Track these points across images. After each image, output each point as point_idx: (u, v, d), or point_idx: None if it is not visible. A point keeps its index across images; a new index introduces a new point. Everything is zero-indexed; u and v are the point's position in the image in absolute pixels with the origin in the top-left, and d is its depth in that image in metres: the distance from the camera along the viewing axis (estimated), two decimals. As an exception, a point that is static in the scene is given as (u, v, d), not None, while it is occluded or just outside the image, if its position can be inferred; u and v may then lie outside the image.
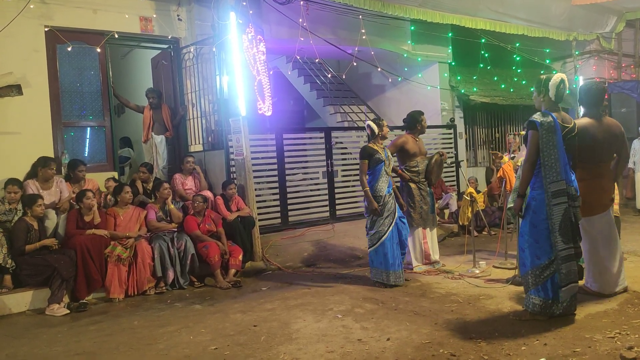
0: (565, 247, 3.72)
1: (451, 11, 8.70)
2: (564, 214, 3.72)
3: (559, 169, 3.73)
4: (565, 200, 3.73)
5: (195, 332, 4.01)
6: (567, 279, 3.71)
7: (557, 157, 3.74)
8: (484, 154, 10.66)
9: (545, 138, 3.77)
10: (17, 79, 5.80)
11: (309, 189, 7.78)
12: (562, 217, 3.72)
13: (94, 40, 6.53)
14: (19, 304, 4.91)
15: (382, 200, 5.11)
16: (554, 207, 3.74)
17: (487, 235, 7.74)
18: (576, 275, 3.77)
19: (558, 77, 3.91)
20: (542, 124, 3.79)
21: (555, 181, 3.74)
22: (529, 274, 3.83)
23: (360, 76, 11.08)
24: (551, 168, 3.75)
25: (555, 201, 3.73)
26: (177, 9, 7.15)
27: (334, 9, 7.83)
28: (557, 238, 3.72)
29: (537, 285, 3.78)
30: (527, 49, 10.33)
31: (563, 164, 3.75)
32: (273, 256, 6.42)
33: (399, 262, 5.12)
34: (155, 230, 5.72)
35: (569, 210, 3.74)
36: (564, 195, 3.73)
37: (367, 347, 3.49)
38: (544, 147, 3.78)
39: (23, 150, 5.90)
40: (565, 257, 3.72)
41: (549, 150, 3.76)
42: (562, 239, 3.71)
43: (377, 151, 5.17)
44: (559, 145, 3.75)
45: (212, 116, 7.14)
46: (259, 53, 6.46)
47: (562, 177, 3.73)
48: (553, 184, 3.74)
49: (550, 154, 3.75)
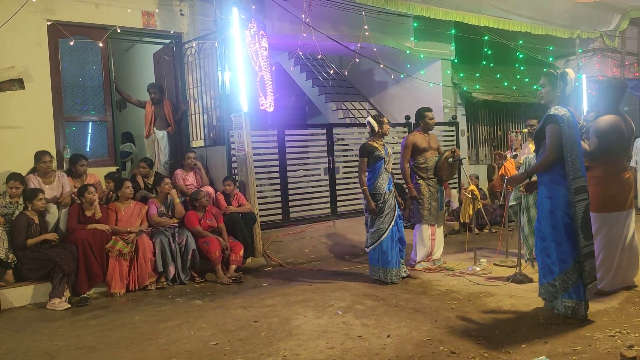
0: (587, 243, 3.67)
1: (454, 8, 8.67)
2: (585, 210, 3.66)
3: (579, 165, 3.67)
4: (586, 197, 3.68)
5: (196, 328, 4.02)
6: (590, 276, 3.66)
7: (577, 152, 3.68)
8: (486, 152, 10.64)
9: (568, 133, 3.68)
10: (19, 73, 5.81)
11: (310, 185, 7.78)
12: (584, 213, 3.65)
13: (96, 35, 6.52)
14: (21, 298, 4.92)
15: (382, 198, 5.10)
16: (576, 203, 3.65)
17: (488, 232, 7.74)
18: (595, 271, 3.72)
19: (569, 70, 3.90)
20: (564, 118, 3.70)
21: (578, 177, 3.66)
22: (558, 279, 3.70)
23: (363, 73, 11.05)
24: (573, 164, 3.67)
25: (578, 197, 3.66)
26: (179, 4, 7.14)
27: (337, 5, 7.81)
28: (579, 235, 3.65)
29: (568, 289, 3.67)
30: (530, 47, 10.29)
31: (581, 160, 3.71)
32: (274, 252, 6.42)
33: (396, 260, 5.12)
34: (156, 225, 5.73)
35: (588, 206, 3.70)
36: (585, 192, 3.68)
37: (367, 344, 3.50)
38: (566, 143, 3.68)
39: (25, 144, 5.91)
40: (587, 254, 3.66)
41: (571, 145, 3.67)
42: (584, 235, 3.65)
43: (376, 148, 5.15)
44: (578, 141, 3.71)
45: (214, 112, 7.13)
46: (261, 49, 6.45)
47: (582, 174, 3.68)
48: (575, 180, 3.66)
49: (572, 150, 3.68)
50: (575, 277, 3.66)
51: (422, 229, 5.69)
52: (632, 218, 4.38)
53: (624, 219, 4.29)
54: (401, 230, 5.25)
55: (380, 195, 5.10)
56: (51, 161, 5.67)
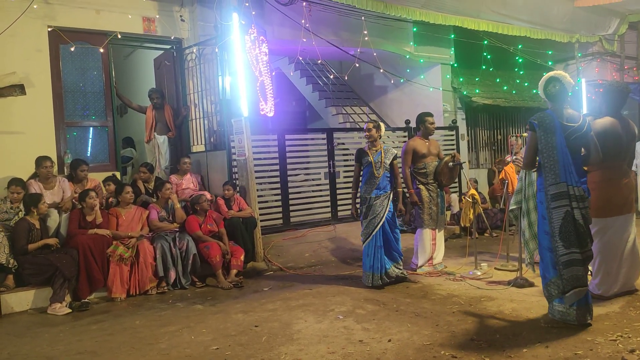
0: (567, 252, 3.63)
1: (454, 13, 8.70)
2: (565, 217, 3.64)
3: (558, 171, 3.66)
4: (567, 202, 3.64)
5: (197, 332, 4.02)
6: (570, 284, 3.63)
7: (557, 158, 3.67)
8: (486, 156, 10.65)
9: (544, 139, 3.71)
10: (20, 78, 5.82)
11: (310, 189, 7.78)
12: (563, 220, 3.63)
13: (97, 41, 6.55)
14: (21, 303, 4.92)
15: (367, 203, 5.21)
16: (553, 210, 3.67)
17: (489, 237, 7.73)
18: (581, 280, 3.65)
19: (546, 77, 3.91)
20: (540, 124, 3.74)
21: (555, 183, 3.66)
22: (550, 284, 3.73)
23: (363, 77, 11.08)
24: (550, 170, 3.68)
25: (555, 204, 3.66)
26: (180, 10, 7.17)
27: (337, 10, 7.84)
28: (557, 243, 3.65)
29: (559, 295, 3.69)
30: (529, 51, 10.32)
31: (564, 164, 3.66)
32: (275, 257, 6.42)
33: (379, 265, 5.11)
34: (157, 230, 5.73)
35: (572, 213, 3.64)
36: (565, 198, 3.65)
37: (368, 348, 3.49)
38: (542, 149, 3.73)
39: (26, 149, 5.92)
40: (566, 262, 3.63)
41: (548, 151, 3.70)
42: (563, 243, 3.63)
43: (367, 154, 5.26)
44: (559, 147, 3.68)
45: (215, 117, 7.15)
46: (261, 54, 6.47)
47: (563, 179, 3.65)
48: (552, 187, 3.68)
49: (549, 156, 3.69)
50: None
51: (422, 234, 5.70)
52: (632, 222, 4.36)
53: (623, 223, 4.27)
54: (390, 237, 5.22)
55: (365, 199, 5.23)
56: (52, 166, 5.68)
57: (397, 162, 5.42)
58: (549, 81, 3.87)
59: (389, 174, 5.32)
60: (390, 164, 5.32)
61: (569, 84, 3.86)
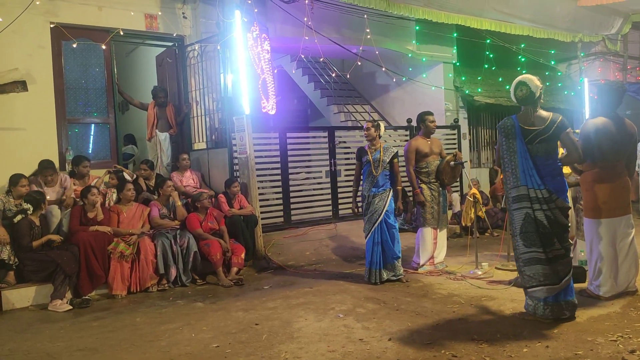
0: (527, 250, 3.80)
1: (456, 11, 8.68)
2: (525, 218, 3.79)
3: (518, 174, 3.81)
4: (528, 205, 3.79)
5: (197, 330, 4.02)
6: (530, 282, 3.79)
7: (517, 162, 3.80)
8: (488, 155, 10.63)
9: (505, 144, 3.87)
10: (22, 75, 5.83)
11: (311, 188, 7.78)
12: (523, 221, 3.80)
13: (99, 37, 6.55)
14: (22, 300, 4.92)
15: (365, 200, 5.33)
16: (513, 211, 3.85)
17: (489, 236, 7.73)
18: (549, 277, 3.74)
19: (515, 81, 3.97)
20: (502, 130, 3.89)
21: (515, 187, 3.83)
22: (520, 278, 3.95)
23: (365, 76, 11.07)
24: (512, 174, 3.85)
25: (515, 206, 3.84)
26: (182, 7, 7.16)
27: (339, 8, 7.82)
28: (517, 242, 3.84)
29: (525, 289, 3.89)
30: (532, 50, 10.29)
31: (525, 168, 3.79)
32: (275, 255, 6.42)
33: (377, 261, 5.19)
34: (158, 227, 5.73)
35: (532, 214, 3.77)
36: (525, 200, 3.79)
37: (368, 347, 3.49)
38: (503, 153, 3.88)
39: (28, 146, 5.93)
40: (526, 260, 3.80)
41: (509, 156, 3.85)
42: (523, 242, 3.81)
43: (366, 153, 5.35)
44: (519, 151, 3.80)
45: (216, 114, 7.15)
46: (263, 51, 6.46)
47: (523, 183, 3.79)
48: (513, 190, 3.85)
49: (510, 160, 3.84)
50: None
51: (424, 233, 5.70)
52: (630, 224, 4.32)
53: (619, 225, 4.24)
54: (386, 235, 5.24)
55: (364, 197, 5.35)
56: (52, 174, 5.65)
57: (397, 161, 5.42)
58: (517, 85, 3.95)
59: (388, 172, 5.33)
60: (390, 163, 5.32)
61: (536, 88, 3.88)
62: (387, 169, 5.33)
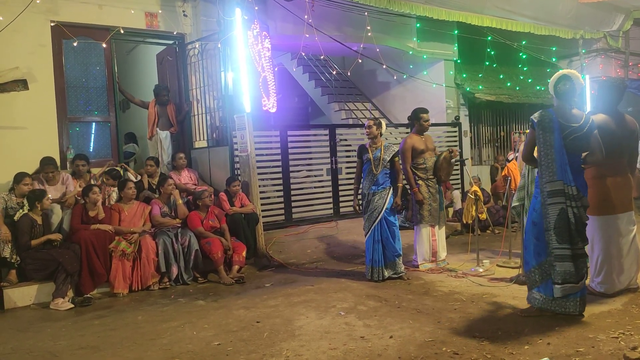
0: (559, 246, 3.72)
1: (457, 8, 8.66)
2: (560, 214, 3.71)
3: (555, 169, 3.73)
4: (562, 200, 3.71)
5: (199, 328, 4.03)
6: (561, 277, 3.71)
7: (554, 157, 3.73)
8: (489, 152, 10.62)
9: (542, 137, 3.78)
10: (23, 73, 5.83)
11: (312, 186, 7.78)
12: (558, 216, 3.71)
13: (99, 36, 6.55)
14: (24, 298, 4.94)
15: (365, 198, 5.35)
16: (548, 206, 3.76)
17: (491, 233, 7.73)
18: (573, 276, 3.70)
19: (558, 74, 3.93)
20: (539, 123, 3.81)
21: (551, 181, 3.74)
22: (533, 271, 3.86)
23: (365, 73, 11.05)
24: (547, 168, 3.75)
25: (551, 200, 3.74)
26: (182, 5, 7.16)
27: (340, 6, 7.81)
28: (551, 237, 3.74)
29: (542, 282, 3.80)
30: (533, 47, 10.27)
31: (561, 163, 3.72)
32: (276, 253, 6.42)
33: (378, 259, 5.22)
34: (159, 225, 5.74)
35: (566, 210, 3.71)
36: (560, 196, 3.72)
37: (369, 345, 3.49)
38: (540, 147, 3.80)
39: (29, 144, 5.94)
40: (558, 256, 3.72)
41: (546, 149, 3.76)
42: (557, 238, 3.72)
43: (366, 151, 5.37)
44: (556, 145, 3.73)
45: (217, 112, 7.15)
46: (264, 49, 6.45)
47: (559, 177, 3.72)
48: (549, 184, 3.75)
49: (547, 154, 3.76)
50: (549, 273, 3.77)
51: (421, 230, 5.69)
52: (632, 220, 4.31)
53: (620, 222, 4.24)
54: (386, 233, 5.25)
55: (364, 195, 5.38)
56: (53, 171, 5.66)
57: (398, 159, 5.42)
58: (560, 79, 3.89)
59: (388, 171, 5.34)
60: (391, 161, 5.32)
61: (579, 84, 3.88)
62: (388, 168, 5.33)
